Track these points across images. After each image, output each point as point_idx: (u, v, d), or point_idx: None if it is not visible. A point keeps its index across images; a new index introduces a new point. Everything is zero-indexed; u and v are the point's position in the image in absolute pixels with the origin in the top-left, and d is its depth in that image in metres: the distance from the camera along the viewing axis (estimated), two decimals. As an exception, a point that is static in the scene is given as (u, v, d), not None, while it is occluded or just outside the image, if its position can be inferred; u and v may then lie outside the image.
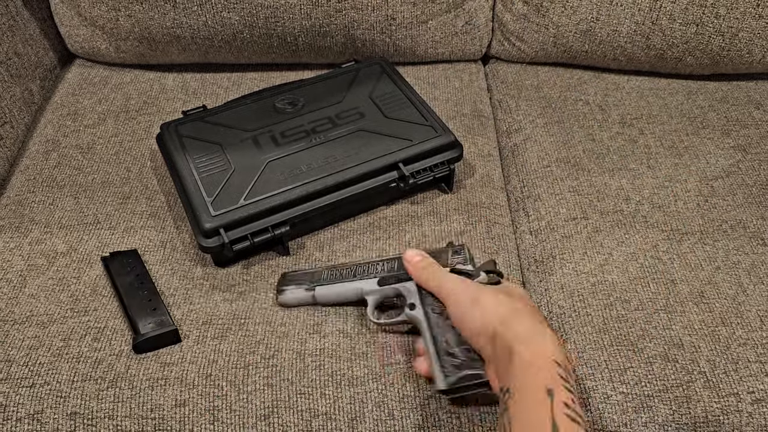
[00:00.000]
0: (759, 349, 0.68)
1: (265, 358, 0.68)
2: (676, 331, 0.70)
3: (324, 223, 0.81)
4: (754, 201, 0.85)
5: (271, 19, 0.98)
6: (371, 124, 0.85)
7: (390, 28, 1.01)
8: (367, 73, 0.94)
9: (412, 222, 0.82)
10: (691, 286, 0.75)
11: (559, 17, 1.02)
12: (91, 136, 0.95)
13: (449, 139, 0.83)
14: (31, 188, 0.87)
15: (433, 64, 1.09)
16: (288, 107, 0.88)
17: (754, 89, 1.04)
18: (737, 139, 0.94)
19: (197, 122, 0.86)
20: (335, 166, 0.79)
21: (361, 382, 0.66)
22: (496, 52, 1.11)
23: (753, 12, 0.95)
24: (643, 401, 0.66)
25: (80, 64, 1.09)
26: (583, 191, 0.87)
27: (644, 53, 1.02)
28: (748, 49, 0.99)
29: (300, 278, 0.72)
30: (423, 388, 0.66)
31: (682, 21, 0.97)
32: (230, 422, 0.64)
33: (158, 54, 1.04)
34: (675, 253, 0.78)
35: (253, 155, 0.81)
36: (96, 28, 1.01)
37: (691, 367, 0.67)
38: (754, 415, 0.65)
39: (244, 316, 0.72)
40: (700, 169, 0.90)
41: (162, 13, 0.97)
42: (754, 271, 0.76)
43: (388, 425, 0.64)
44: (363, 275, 0.70)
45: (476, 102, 1.02)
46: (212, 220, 0.73)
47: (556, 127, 0.97)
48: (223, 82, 1.05)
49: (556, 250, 0.80)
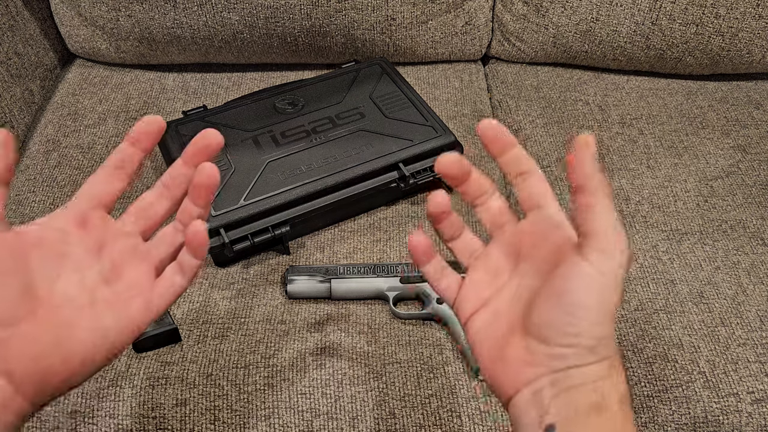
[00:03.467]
0: (759, 349, 0.69)
1: (266, 357, 0.68)
2: (675, 331, 0.70)
3: (324, 223, 0.81)
4: (754, 201, 0.85)
5: (271, 19, 0.98)
6: (371, 124, 0.85)
7: (390, 28, 1.01)
8: (367, 74, 0.94)
9: (412, 222, 0.82)
10: (691, 287, 0.75)
11: (559, 17, 1.02)
12: (92, 136, 0.95)
13: (449, 139, 0.83)
14: (31, 188, 0.87)
15: (433, 64, 1.09)
16: (288, 107, 0.88)
17: (753, 89, 1.04)
18: (737, 139, 0.94)
19: (197, 122, 0.86)
20: (335, 166, 0.79)
21: (363, 381, 0.66)
22: (496, 52, 1.11)
23: (753, 12, 0.95)
24: (643, 402, 0.66)
25: (80, 64, 1.09)
26: (583, 191, 0.87)
27: (644, 53, 1.02)
28: (747, 49, 0.99)
29: (312, 270, 0.73)
30: (424, 387, 0.66)
31: (682, 21, 0.97)
32: (231, 422, 0.64)
33: (158, 54, 1.04)
34: (674, 253, 0.78)
35: (253, 155, 0.81)
36: (96, 28, 1.01)
37: (690, 367, 0.68)
38: (753, 415, 0.65)
39: (244, 315, 0.72)
40: (700, 169, 0.90)
41: (162, 13, 0.97)
42: (753, 271, 0.76)
43: (389, 424, 0.64)
44: (382, 273, 0.73)
45: (476, 102, 1.02)
46: (212, 220, 0.73)
47: (556, 127, 0.97)
48: (223, 82, 1.05)
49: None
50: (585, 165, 0.37)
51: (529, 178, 0.44)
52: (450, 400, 0.65)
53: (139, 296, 0.41)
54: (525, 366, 0.38)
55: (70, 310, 0.38)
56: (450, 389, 0.66)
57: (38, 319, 0.37)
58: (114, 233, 0.42)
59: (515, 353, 0.38)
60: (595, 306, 0.35)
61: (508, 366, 0.39)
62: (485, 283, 0.43)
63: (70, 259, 0.40)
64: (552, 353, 0.36)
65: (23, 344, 0.36)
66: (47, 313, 0.37)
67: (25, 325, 0.36)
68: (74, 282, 0.39)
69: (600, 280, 0.35)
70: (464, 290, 0.44)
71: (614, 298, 0.35)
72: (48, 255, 0.39)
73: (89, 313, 0.39)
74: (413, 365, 0.68)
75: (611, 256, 0.35)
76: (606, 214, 0.36)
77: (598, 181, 0.36)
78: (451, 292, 0.45)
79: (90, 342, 0.38)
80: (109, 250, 0.41)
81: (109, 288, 0.41)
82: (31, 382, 0.36)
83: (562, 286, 0.36)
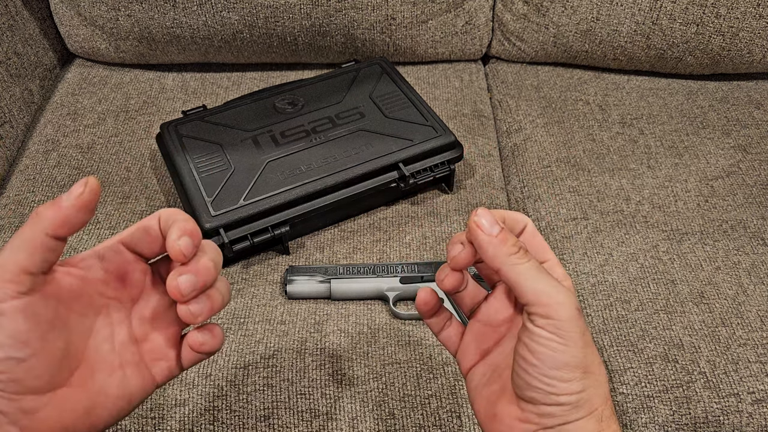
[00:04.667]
0: (759, 350, 0.68)
1: (265, 357, 0.68)
2: (676, 331, 0.70)
3: (324, 223, 0.81)
4: (755, 201, 0.85)
5: (271, 19, 0.97)
6: (371, 124, 0.85)
7: (390, 27, 1.01)
8: (367, 73, 0.94)
9: (412, 222, 0.82)
10: (691, 287, 0.74)
11: (560, 17, 1.02)
12: (91, 135, 0.94)
13: (449, 139, 0.83)
14: (31, 188, 0.87)
15: (433, 64, 1.09)
16: (288, 107, 0.88)
17: (754, 89, 1.04)
18: (737, 139, 0.94)
19: (197, 122, 0.86)
20: (335, 166, 0.79)
21: (362, 381, 0.66)
22: (496, 51, 1.11)
23: (753, 12, 0.95)
24: (643, 402, 0.66)
25: (80, 64, 1.08)
26: (583, 191, 0.87)
27: (644, 53, 1.02)
28: (748, 49, 0.99)
29: (311, 270, 0.73)
30: (424, 387, 0.66)
31: (683, 21, 0.97)
32: (230, 422, 0.64)
33: (158, 54, 1.04)
34: (675, 254, 0.78)
35: (253, 155, 0.81)
36: (96, 28, 1.01)
37: (691, 367, 0.67)
38: (754, 415, 0.65)
39: (243, 315, 0.72)
40: (700, 169, 0.90)
41: (162, 12, 0.96)
42: (754, 271, 0.76)
43: (389, 424, 0.64)
44: (383, 273, 0.73)
45: (476, 102, 1.02)
46: (212, 220, 0.73)
47: (556, 127, 0.97)
48: (223, 82, 1.05)
49: (556, 251, 0.80)
50: (485, 249, 0.37)
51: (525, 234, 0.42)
52: (450, 400, 0.65)
53: (163, 360, 0.39)
54: (519, 422, 0.38)
55: (103, 375, 0.37)
56: (450, 389, 0.66)
57: (73, 386, 0.35)
58: (149, 291, 0.40)
59: (508, 410, 0.39)
60: (562, 365, 0.36)
61: (503, 423, 0.39)
62: (485, 335, 0.43)
63: (104, 314, 0.38)
64: (540, 412, 0.37)
65: (56, 414, 0.34)
66: (82, 379, 0.35)
67: (60, 391, 0.34)
68: (104, 340, 0.37)
69: (556, 340, 0.35)
70: (465, 342, 0.44)
71: (577, 349, 0.36)
72: (86, 308, 0.36)
73: (119, 377, 0.37)
74: (413, 365, 0.68)
75: (556, 314, 0.35)
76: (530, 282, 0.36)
77: (505, 257, 0.37)
78: (452, 343, 0.45)
79: (117, 408, 0.37)
80: (141, 308, 0.39)
81: (136, 348, 0.39)
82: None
83: (526, 353, 0.36)
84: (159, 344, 0.39)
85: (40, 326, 0.32)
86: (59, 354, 0.34)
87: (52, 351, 0.33)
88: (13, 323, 0.31)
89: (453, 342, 0.45)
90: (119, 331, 0.38)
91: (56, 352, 0.33)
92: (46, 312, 0.33)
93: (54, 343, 0.33)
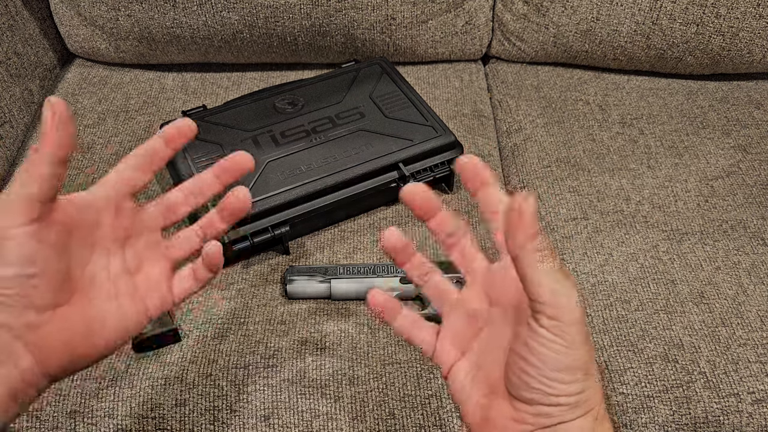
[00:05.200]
0: (759, 350, 0.68)
1: (265, 357, 0.68)
2: (676, 331, 0.70)
3: (324, 223, 0.81)
4: (755, 201, 0.85)
5: (271, 19, 0.97)
6: (371, 124, 0.85)
7: (390, 27, 1.01)
8: (367, 73, 0.94)
9: (412, 222, 0.82)
10: (691, 287, 0.75)
11: (559, 17, 1.02)
12: (91, 136, 0.94)
13: (449, 139, 0.83)
14: (31, 188, 0.87)
15: (433, 64, 1.09)
16: (288, 107, 0.88)
17: (754, 89, 1.04)
18: (737, 139, 0.94)
19: (197, 122, 0.86)
20: (335, 166, 0.79)
21: (362, 381, 0.66)
22: (496, 51, 1.11)
23: (753, 12, 0.95)
24: (643, 402, 0.66)
25: (80, 64, 1.08)
26: (583, 191, 0.87)
27: (644, 53, 1.02)
28: (748, 49, 0.99)
29: (311, 271, 0.73)
30: (424, 387, 0.66)
31: (683, 21, 0.97)
32: (230, 422, 0.64)
33: (158, 54, 1.04)
34: (675, 254, 0.78)
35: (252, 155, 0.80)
36: (96, 28, 1.01)
37: (691, 367, 0.67)
38: (754, 415, 0.65)
39: (243, 315, 0.72)
40: (700, 169, 0.90)
41: (162, 12, 0.96)
42: (754, 271, 0.76)
43: (389, 424, 0.64)
44: (383, 273, 0.73)
45: (476, 102, 1.02)
46: (212, 220, 0.73)
47: (556, 127, 0.97)
48: (223, 82, 1.05)
49: (556, 251, 0.80)
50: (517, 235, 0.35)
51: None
52: (450, 400, 0.65)
53: (156, 292, 0.43)
54: (513, 422, 0.37)
55: (100, 301, 0.40)
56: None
57: (72, 307, 0.38)
58: (141, 225, 0.43)
59: (502, 411, 0.38)
60: (564, 368, 0.35)
61: (496, 426, 0.38)
62: (461, 329, 0.42)
63: (100, 245, 0.41)
64: (538, 412, 0.36)
65: (57, 330, 0.37)
66: (81, 302, 0.39)
67: (61, 310, 0.37)
68: (101, 269, 0.41)
69: (559, 342, 0.35)
70: (441, 339, 0.43)
71: (580, 352, 0.35)
72: (83, 238, 0.40)
73: (116, 305, 0.41)
74: (413, 365, 0.68)
75: (563, 318, 0.35)
76: (547, 280, 0.35)
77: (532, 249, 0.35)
78: (428, 344, 0.43)
79: (114, 334, 0.40)
80: (134, 242, 0.43)
81: (131, 279, 0.42)
82: (57, 366, 0.38)
83: (526, 353, 0.36)
84: (152, 276, 0.43)
85: (46, 249, 0.36)
86: (61, 275, 0.37)
87: (55, 271, 0.37)
88: (23, 246, 0.35)
89: (428, 342, 0.43)
90: (114, 262, 0.42)
91: (59, 273, 0.37)
92: (50, 236, 0.36)
93: (57, 264, 0.37)
